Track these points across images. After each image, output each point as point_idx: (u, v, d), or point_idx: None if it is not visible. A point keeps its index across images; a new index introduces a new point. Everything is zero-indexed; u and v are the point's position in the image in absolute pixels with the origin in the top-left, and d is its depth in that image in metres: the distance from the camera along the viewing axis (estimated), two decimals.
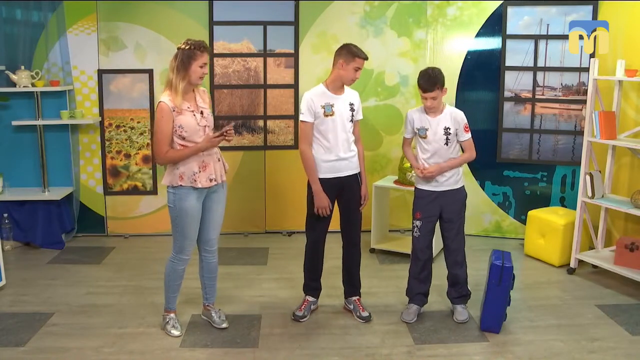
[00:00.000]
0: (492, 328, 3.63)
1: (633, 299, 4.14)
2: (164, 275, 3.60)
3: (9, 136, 5.23)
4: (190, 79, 3.30)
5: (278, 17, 5.40)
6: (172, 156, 3.32)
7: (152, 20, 5.27)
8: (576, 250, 4.65)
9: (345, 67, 3.56)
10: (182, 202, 3.37)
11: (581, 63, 5.10)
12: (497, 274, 3.54)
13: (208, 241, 3.62)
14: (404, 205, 5.78)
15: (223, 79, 5.44)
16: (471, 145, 3.72)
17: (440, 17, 5.45)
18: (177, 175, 3.35)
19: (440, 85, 3.56)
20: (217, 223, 3.59)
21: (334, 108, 3.60)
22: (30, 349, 3.41)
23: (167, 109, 3.26)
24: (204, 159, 3.38)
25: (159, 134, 3.29)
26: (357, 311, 3.88)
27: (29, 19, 5.17)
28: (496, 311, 3.60)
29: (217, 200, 3.53)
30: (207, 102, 3.47)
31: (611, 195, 4.68)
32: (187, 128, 3.30)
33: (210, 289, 3.75)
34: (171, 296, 3.63)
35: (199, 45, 3.28)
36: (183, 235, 3.46)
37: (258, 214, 5.66)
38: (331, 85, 3.64)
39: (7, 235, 5.10)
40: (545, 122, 5.30)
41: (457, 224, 3.77)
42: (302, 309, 3.85)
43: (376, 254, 5.10)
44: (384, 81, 5.56)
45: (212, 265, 3.70)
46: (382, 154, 5.66)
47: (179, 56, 3.27)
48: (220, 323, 3.68)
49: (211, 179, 3.40)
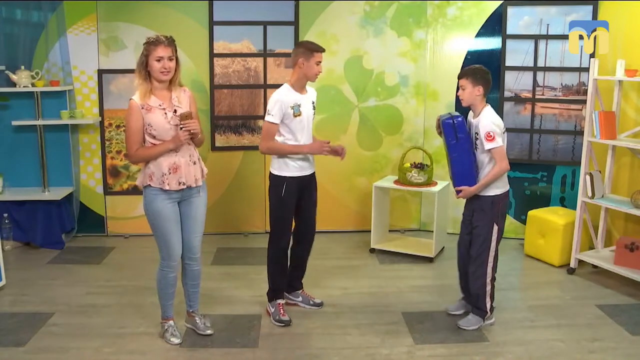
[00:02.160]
0: (467, 182, 3.56)
1: (633, 299, 4.14)
2: (156, 284, 3.49)
3: (9, 136, 5.23)
4: (154, 75, 3.19)
5: (278, 17, 5.40)
6: (141, 154, 3.23)
7: (152, 20, 5.26)
8: (576, 250, 4.65)
9: (306, 64, 3.60)
10: (153, 204, 3.27)
11: (581, 63, 5.10)
12: (451, 130, 3.51)
13: (190, 248, 3.45)
14: (404, 205, 5.79)
15: (223, 79, 5.44)
16: (498, 156, 3.49)
17: (440, 17, 5.45)
18: (147, 175, 3.26)
19: (469, 78, 3.51)
20: (198, 229, 3.45)
21: (302, 108, 3.65)
22: (30, 349, 3.41)
23: (135, 107, 3.18)
24: (176, 160, 3.24)
25: (129, 132, 3.22)
26: (309, 300, 4.00)
27: (29, 19, 5.17)
28: (465, 168, 3.55)
29: (196, 205, 3.40)
30: (184, 102, 3.33)
31: (611, 195, 4.68)
32: (156, 126, 3.20)
33: (193, 296, 3.60)
34: (166, 304, 3.53)
35: (154, 39, 3.17)
36: (164, 240, 3.33)
37: (258, 214, 5.66)
38: (297, 85, 3.69)
39: (7, 235, 5.10)
40: (545, 122, 5.30)
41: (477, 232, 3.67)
42: (284, 313, 3.81)
43: (376, 254, 5.10)
44: (384, 81, 5.56)
45: (195, 273, 3.54)
46: (382, 154, 5.66)
47: (141, 54, 3.20)
48: (205, 329, 3.57)
49: (181, 182, 3.26)
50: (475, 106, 3.57)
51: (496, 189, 3.58)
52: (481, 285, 3.65)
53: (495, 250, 3.64)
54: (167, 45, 3.17)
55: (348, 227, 5.75)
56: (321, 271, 4.65)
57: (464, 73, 3.58)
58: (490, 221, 3.59)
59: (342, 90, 5.54)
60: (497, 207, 3.59)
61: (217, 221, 5.56)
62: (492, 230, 3.59)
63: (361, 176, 5.68)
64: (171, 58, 3.20)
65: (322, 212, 5.75)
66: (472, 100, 3.55)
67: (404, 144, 5.60)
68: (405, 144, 5.57)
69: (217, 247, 5.23)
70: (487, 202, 3.58)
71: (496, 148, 3.48)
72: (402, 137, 5.65)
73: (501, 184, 3.60)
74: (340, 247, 5.32)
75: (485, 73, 3.55)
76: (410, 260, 4.95)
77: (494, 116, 3.54)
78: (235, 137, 5.52)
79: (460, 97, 3.60)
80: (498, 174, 3.52)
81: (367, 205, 5.40)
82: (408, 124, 5.63)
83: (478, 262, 3.63)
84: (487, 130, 3.47)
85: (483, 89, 3.52)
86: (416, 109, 5.62)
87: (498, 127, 3.50)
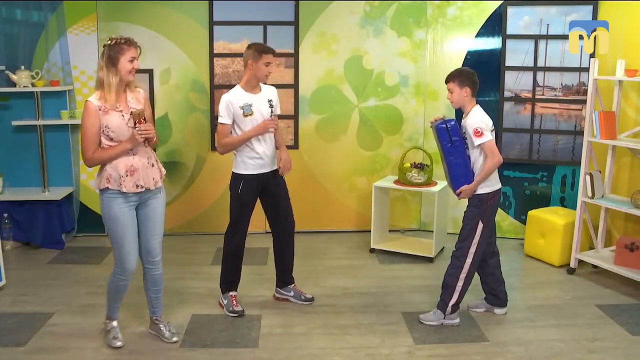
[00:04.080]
0: (465, 181, 3.59)
1: (633, 299, 4.14)
2: (106, 286, 3.40)
3: (9, 136, 5.23)
4: (121, 75, 3.12)
5: (278, 17, 5.40)
6: (99, 157, 3.16)
7: (152, 20, 5.27)
8: (576, 250, 4.65)
9: (255, 65, 3.68)
10: (111, 207, 3.19)
11: (581, 63, 5.10)
12: (445, 134, 3.56)
13: (149, 252, 3.37)
14: (404, 205, 5.79)
15: (223, 79, 5.44)
16: (488, 151, 3.53)
17: (440, 17, 5.45)
18: (104, 177, 3.17)
19: (456, 81, 3.57)
20: (157, 232, 3.37)
21: (253, 107, 3.72)
22: (30, 349, 3.41)
23: (92, 108, 3.10)
24: (133, 162, 3.18)
25: (85, 134, 3.14)
26: (301, 295, 4.04)
27: (29, 19, 5.17)
28: (462, 169, 3.59)
29: (154, 207, 3.32)
30: (141, 103, 3.27)
31: (611, 195, 4.68)
32: (113, 128, 3.13)
33: (156, 302, 3.53)
34: (114, 306, 3.43)
35: (125, 39, 3.13)
36: (119, 246, 3.24)
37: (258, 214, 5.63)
38: (247, 86, 3.77)
39: (7, 235, 5.10)
40: (545, 122, 5.30)
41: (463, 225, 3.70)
42: (237, 304, 3.88)
43: (376, 254, 5.10)
44: (384, 81, 5.56)
45: (156, 278, 3.46)
46: (382, 154, 5.66)
47: (105, 53, 3.10)
48: (171, 337, 3.49)
49: (138, 185, 3.19)
50: (465, 107, 3.63)
51: (485, 187, 3.61)
52: (453, 278, 3.67)
53: (478, 249, 3.62)
54: (136, 47, 3.17)
55: (348, 227, 5.75)
56: (321, 271, 4.65)
57: (450, 76, 3.63)
58: (475, 217, 3.61)
59: (342, 90, 5.54)
60: (484, 205, 3.61)
61: (217, 221, 5.55)
62: (477, 227, 3.61)
63: (361, 176, 5.68)
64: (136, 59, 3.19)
65: (322, 212, 5.80)
66: (461, 102, 3.62)
67: (404, 144, 5.60)
68: (405, 144, 5.57)
69: (216, 247, 5.23)
70: (474, 198, 3.63)
71: (485, 143, 3.53)
72: (402, 137, 5.65)
73: (490, 183, 3.62)
74: (340, 247, 5.32)
75: (470, 74, 3.62)
76: (410, 260, 4.95)
77: (482, 114, 3.60)
78: None
79: (449, 100, 3.66)
80: (491, 169, 3.55)
81: (367, 205, 5.40)
82: (408, 124, 5.64)
83: (457, 254, 3.67)
84: (474, 127, 3.53)
85: (470, 89, 3.59)
86: (416, 109, 5.62)
87: (485, 124, 3.55)
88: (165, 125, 5.44)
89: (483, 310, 3.91)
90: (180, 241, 5.42)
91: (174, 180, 5.52)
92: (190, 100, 5.45)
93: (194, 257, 5.02)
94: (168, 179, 5.52)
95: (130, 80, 3.21)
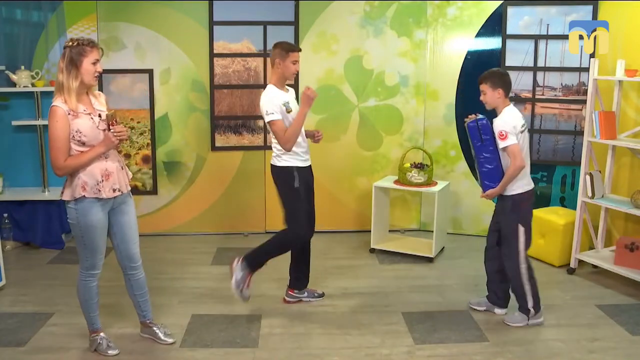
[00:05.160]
0: (493, 182, 3.62)
1: (633, 299, 4.14)
2: (78, 296, 3.32)
3: (9, 136, 5.23)
4: (83, 78, 3.01)
5: (278, 17, 5.39)
6: (71, 164, 3.01)
7: (152, 20, 5.27)
8: (576, 250, 4.65)
9: (283, 64, 3.72)
10: (87, 217, 3.08)
11: (581, 63, 5.10)
12: (476, 132, 3.59)
13: (131, 258, 3.34)
14: (404, 205, 5.79)
15: (223, 79, 5.44)
16: (511, 154, 3.54)
17: (440, 17, 5.45)
18: (79, 185, 3.03)
19: (489, 82, 3.59)
20: (136, 237, 3.34)
21: (291, 105, 3.78)
22: (30, 349, 3.41)
23: (62, 113, 2.97)
24: (107, 167, 3.10)
25: (56, 141, 2.98)
26: (314, 293, 4.14)
27: (29, 19, 5.17)
28: (491, 169, 3.60)
29: (127, 212, 3.27)
30: (105, 106, 3.21)
31: (611, 195, 4.68)
32: (85, 132, 3.02)
33: (144, 305, 3.48)
34: (92, 315, 3.35)
35: (88, 41, 3.03)
36: (93, 252, 3.18)
37: (258, 214, 5.66)
38: (279, 84, 3.80)
39: (7, 235, 5.10)
40: (545, 122, 5.30)
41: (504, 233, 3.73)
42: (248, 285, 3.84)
43: (376, 254, 5.10)
44: (384, 81, 5.56)
45: (141, 282, 3.43)
46: (382, 154, 5.66)
47: (66, 55, 2.98)
48: (166, 338, 3.47)
49: (115, 189, 3.13)
50: (498, 108, 3.64)
51: (517, 188, 3.62)
52: (518, 285, 3.71)
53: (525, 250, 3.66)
54: (99, 49, 3.09)
55: (348, 227, 5.75)
56: (321, 271, 4.65)
57: (483, 78, 3.64)
58: (514, 222, 3.65)
59: (342, 90, 5.54)
60: (519, 207, 3.64)
61: (217, 221, 5.57)
62: (518, 231, 3.65)
63: (361, 176, 5.68)
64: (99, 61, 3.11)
65: (322, 212, 5.75)
66: (494, 103, 3.63)
67: (404, 144, 5.60)
68: (405, 144, 5.57)
69: (217, 247, 5.23)
70: (508, 202, 3.65)
71: (509, 146, 3.54)
72: (402, 137, 5.65)
73: (522, 183, 3.63)
74: (340, 247, 5.32)
75: (503, 75, 3.65)
76: (410, 260, 4.95)
77: (510, 116, 3.59)
78: (235, 137, 5.52)
79: (482, 101, 3.67)
80: (513, 173, 3.56)
81: (367, 205, 5.40)
82: (408, 124, 5.63)
83: (509, 262, 3.70)
84: (499, 130, 3.56)
85: (503, 91, 3.60)
86: (416, 109, 5.62)
87: (513, 126, 3.55)
88: (165, 125, 5.44)
89: (483, 309, 3.91)
90: (180, 241, 5.42)
91: (174, 180, 5.52)
92: (190, 100, 5.45)
93: (194, 257, 5.01)
94: (168, 179, 5.54)
95: (92, 84, 3.11)
